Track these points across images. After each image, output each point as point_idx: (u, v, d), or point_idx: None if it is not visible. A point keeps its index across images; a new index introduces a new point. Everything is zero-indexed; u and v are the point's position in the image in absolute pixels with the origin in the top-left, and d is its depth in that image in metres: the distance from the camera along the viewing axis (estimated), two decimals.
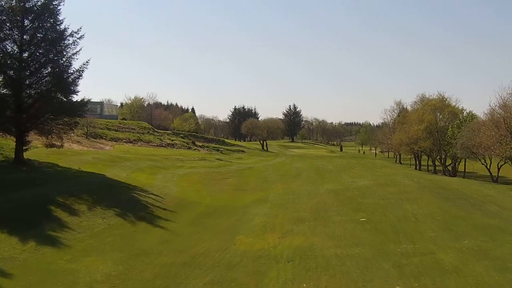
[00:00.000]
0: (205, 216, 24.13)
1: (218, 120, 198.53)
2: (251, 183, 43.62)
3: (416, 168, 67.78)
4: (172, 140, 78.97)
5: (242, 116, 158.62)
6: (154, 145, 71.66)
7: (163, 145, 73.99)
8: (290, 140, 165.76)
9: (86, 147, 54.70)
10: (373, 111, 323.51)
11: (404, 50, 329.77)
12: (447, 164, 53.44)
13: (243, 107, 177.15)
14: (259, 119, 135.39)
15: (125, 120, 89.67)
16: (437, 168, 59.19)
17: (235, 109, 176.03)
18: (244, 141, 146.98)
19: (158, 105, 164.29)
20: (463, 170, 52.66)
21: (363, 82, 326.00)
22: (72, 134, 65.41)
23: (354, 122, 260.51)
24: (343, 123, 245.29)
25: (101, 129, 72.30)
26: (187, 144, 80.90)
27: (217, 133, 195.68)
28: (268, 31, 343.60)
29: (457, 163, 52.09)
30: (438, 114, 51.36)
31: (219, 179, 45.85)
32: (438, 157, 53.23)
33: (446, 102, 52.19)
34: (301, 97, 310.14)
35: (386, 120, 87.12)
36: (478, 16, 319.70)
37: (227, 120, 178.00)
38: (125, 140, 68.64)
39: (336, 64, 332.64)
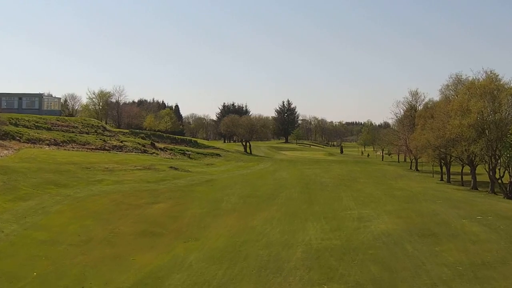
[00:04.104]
0: None
1: (210, 119, 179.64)
2: (188, 214, 26.05)
3: (442, 179, 49.65)
4: (122, 142, 60.92)
5: (232, 114, 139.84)
6: (91, 148, 53.74)
7: (106, 148, 55.98)
8: (284, 141, 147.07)
9: None
10: (375, 110, 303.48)
11: (412, 45, 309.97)
12: (497, 176, 35.23)
13: (233, 104, 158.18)
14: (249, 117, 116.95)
15: (71, 116, 71.89)
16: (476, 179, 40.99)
17: (223, 106, 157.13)
18: (234, 141, 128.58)
19: (143, 102, 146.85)
20: None
21: (366, 79, 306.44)
22: None
23: (355, 122, 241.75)
24: (344, 122, 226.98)
25: (26, 127, 54.88)
26: (144, 146, 62.85)
27: (208, 134, 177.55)
28: (268, 23, 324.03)
29: None
30: (490, 101, 32.95)
31: (140, 205, 28.47)
32: (489, 165, 34.69)
33: (501, 82, 33.94)
34: (300, 95, 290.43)
35: (398, 115, 68.19)
36: (487, 13, 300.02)
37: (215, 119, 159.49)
38: (48, 142, 50.82)
39: (338, 60, 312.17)
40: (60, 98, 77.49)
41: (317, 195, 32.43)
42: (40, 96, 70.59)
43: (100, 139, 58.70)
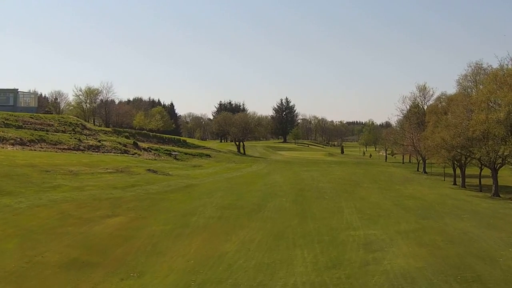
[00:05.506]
0: None
1: (208, 119, 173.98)
2: (145, 233, 20.52)
3: (455, 183, 44.00)
4: (100, 141, 55.36)
5: (228, 112, 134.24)
6: (63, 149, 48.24)
7: (81, 148, 50.51)
8: (282, 141, 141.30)
9: None
10: (376, 110, 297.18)
11: (412, 45, 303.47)
12: None
13: (230, 102, 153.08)
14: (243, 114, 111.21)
15: (49, 113, 66.26)
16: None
17: (220, 104, 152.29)
18: (231, 141, 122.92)
19: (138, 100, 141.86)
20: None
21: (366, 79, 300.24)
22: None
23: (356, 121, 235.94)
24: (344, 121, 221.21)
25: None
26: (125, 146, 57.31)
27: (205, 133, 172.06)
28: (267, 21, 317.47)
29: None
30: None
31: (91, 219, 23.05)
32: None
33: None
34: (300, 95, 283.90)
35: (404, 112, 62.36)
36: (488, 12, 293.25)
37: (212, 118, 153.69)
38: (13, 141, 45.35)
39: (338, 59, 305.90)
40: (37, 93, 72.10)
41: (312, 206, 26.80)
42: (15, 91, 65.01)
43: (75, 138, 53.10)
